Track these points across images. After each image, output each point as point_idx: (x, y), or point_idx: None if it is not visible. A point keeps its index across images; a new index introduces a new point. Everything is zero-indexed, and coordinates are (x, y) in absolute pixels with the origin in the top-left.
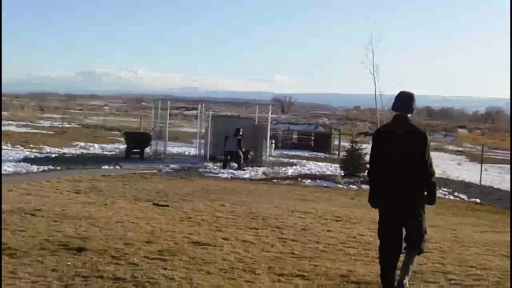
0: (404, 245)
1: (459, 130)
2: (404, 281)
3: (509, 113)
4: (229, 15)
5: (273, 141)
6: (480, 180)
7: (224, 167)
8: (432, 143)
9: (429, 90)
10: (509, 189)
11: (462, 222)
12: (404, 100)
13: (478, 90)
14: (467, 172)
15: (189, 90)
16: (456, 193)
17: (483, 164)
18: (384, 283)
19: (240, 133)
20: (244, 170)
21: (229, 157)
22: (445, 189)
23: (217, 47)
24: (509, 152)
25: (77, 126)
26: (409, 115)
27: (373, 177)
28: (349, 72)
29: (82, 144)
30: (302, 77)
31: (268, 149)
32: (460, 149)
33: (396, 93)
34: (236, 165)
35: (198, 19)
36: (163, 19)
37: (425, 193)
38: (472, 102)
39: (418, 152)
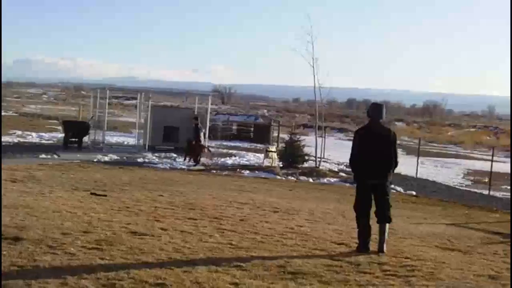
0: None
1: (397, 123)
2: (384, 245)
3: (446, 107)
4: (164, 8)
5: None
6: (416, 173)
7: (185, 158)
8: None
9: (367, 84)
10: (444, 182)
11: (398, 214)
12: (376, 109)
13: (416, 84)
14: (404, 165)
15: (128, 79)
16: (392, 186)
17: (420, 157)
18: (362, 243)
19: (197, 121)
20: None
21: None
22: None
23: (155, 37)
24: (446, 145)
25: (14, 114)
26: (380, 120)
27: (355, 165)
28: (289, 64)
29: (19, 132)
30: (242, 68)
31: (207, 140)
32: (397, 142)
33: (336, 85)
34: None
35: (135, 6)
36: (102, 6)
37: None
38: (410, 96)
39: (388, 146)
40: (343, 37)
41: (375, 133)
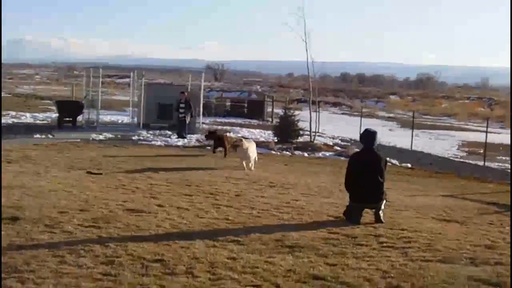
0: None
1: (391, 96)
2: (381, 215)
3: (439, 79)
4: None
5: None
6: (411, 145)
7: (179, 136)
8: (364, 110)
9: (360, 57)
10: (439, 153)
11: (393, 186)
12: (369, 136)
13: (409, 58)
14: (399, 137)
15: (121, 58)
16: (387, 158)
17: (414, 130)
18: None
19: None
20: (185, 137)
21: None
22: None
23: (147, 15)
24: (440, 117)
25: (7, 95)
26: (373, 147)
27: (349, 188)
28: (281, 39)
29: (13, 113)
30: (234, 45)
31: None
32: (391, 115)
33: (327, 60)
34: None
35: None
36: None
37: None
38: (403, 69)
39: (379, 171)
40: (335, 11)
41: (368, 159)
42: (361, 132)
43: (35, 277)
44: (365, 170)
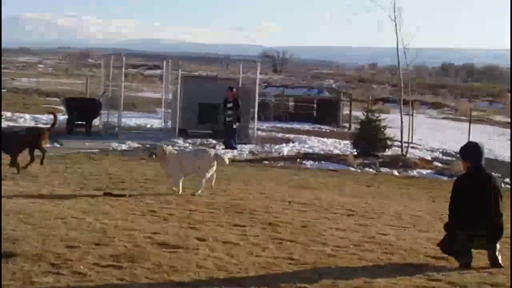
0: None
1: (510, 95)
2: (498, 256)
3: None
4: None
5: None
6: None
7: (227, 146)
8: (474, 113)
9: (468, 43)
10: None
11: None
12: (475, 153)
13: None
14: None
15: (149, 42)
16: (507, 179)
17: None
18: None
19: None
20: (235, 148)
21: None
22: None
23: None
24: None
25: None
26: (482, 164)
27: (454, 218)
28: (361, 18)
29: (9, 114)
30: (299, 25)
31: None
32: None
33: (424, 46)
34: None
35: None
36: None
37: None
38: None
39: (495, 195)
40: None
41: (477, 183)
42: (462, 146)
43: None
44: (476, 197)
